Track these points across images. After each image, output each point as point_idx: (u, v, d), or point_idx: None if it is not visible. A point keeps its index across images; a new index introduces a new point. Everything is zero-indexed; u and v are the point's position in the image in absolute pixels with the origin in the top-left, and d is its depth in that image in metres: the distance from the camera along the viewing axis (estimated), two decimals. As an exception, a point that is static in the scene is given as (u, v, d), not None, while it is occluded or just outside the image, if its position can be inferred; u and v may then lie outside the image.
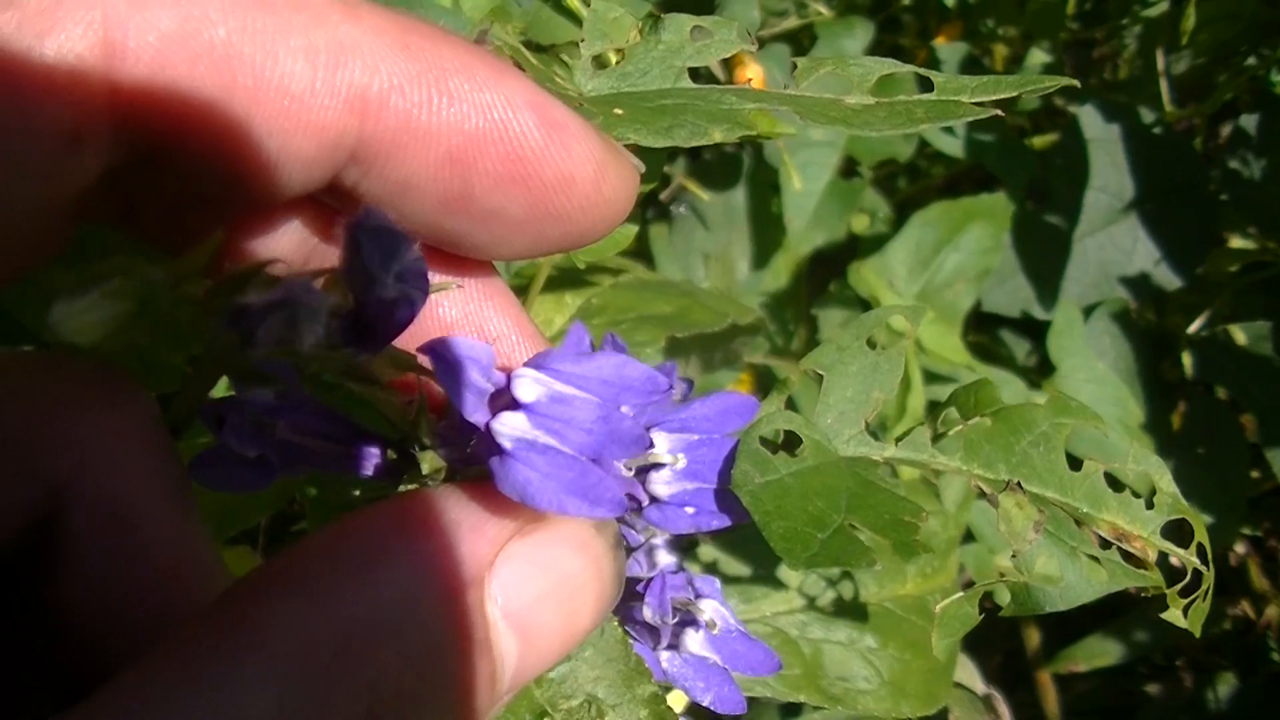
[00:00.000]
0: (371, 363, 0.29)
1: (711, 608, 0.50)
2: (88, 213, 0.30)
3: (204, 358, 0.25)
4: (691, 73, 0.51)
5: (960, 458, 0.49)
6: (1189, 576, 0.49)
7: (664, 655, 0.50)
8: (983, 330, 1.18)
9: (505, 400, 0.29)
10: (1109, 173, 1.15)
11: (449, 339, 0.28)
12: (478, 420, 0.28)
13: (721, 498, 0.43)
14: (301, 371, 0.27)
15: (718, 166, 1.07)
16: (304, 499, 0.58)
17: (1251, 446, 1.13)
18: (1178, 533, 0.49)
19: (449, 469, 0.34)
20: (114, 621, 0.29)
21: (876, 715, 0.78)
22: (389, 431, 0.33)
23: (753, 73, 0.95)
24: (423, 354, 0.28)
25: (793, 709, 1.04)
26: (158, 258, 0.27)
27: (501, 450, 0.28)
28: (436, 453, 0.34)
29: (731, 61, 0.56)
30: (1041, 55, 1.34)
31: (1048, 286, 1.13)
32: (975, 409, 0.50)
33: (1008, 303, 1.13)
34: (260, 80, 0.26)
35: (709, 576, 0.52)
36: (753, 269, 1.07)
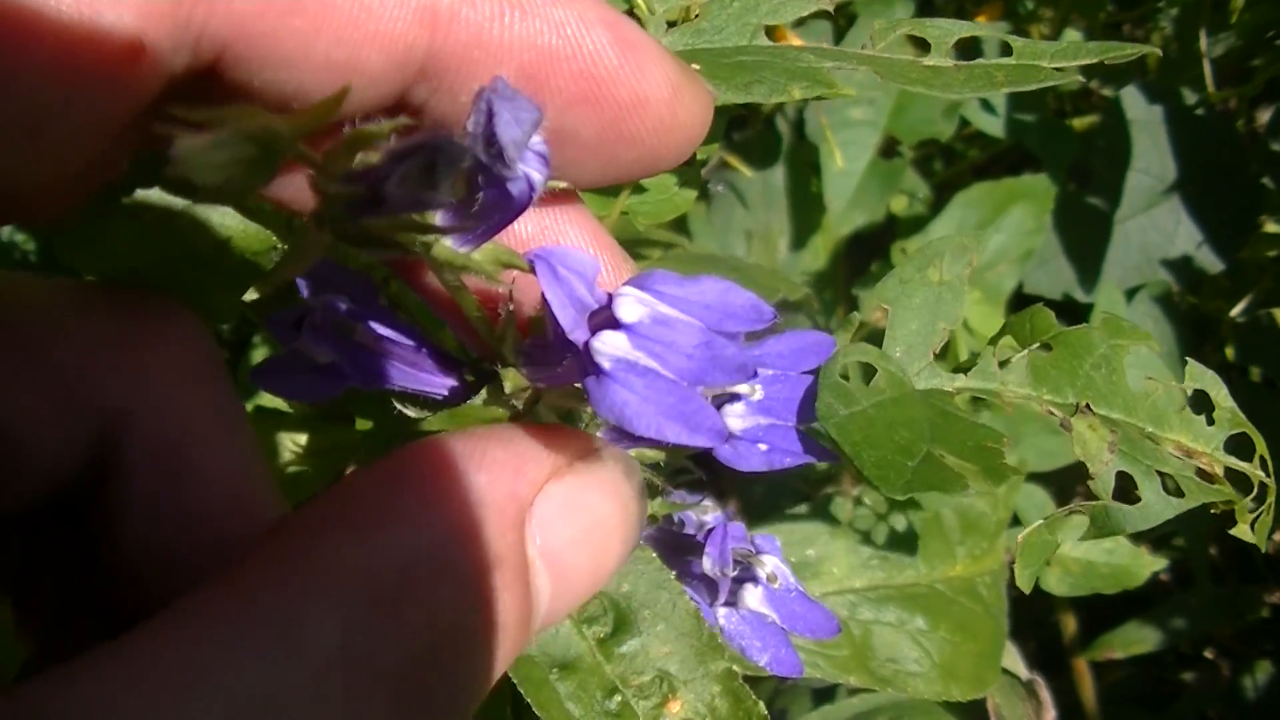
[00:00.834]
0: (474, 256, 0.28)
1: (772, 563, 0.49)
2: (144, 136, 0.29)
3: (313, 221, 0.24)
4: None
5: (1029, 384, 0.49)
6: (1255, 489, 0.48)
7: (721, 612, 0.49)
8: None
9: (605, 318, 0.28)
10: (1151, 155, 1.13)
11: (557, 248, 0.27)
12: (577, 337, 0.27)
13: (797, 435, 0.42)
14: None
15: (757, 144, 1.06)
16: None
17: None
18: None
19: (533, 390, 0.33)
20: (169, 554, 0.29)
21: (926, 698, 0.77)
22: (472, 346, 0.32)
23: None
24: (531, 259, 0.27)
25: (825, 695, 1.03)
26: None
27: (600, 370, 0.27)
28: (520, 371, 0.33)
29: (776, 33, 0.55)
30: (1075, 37, 1.33)
31: (1089, 269, 1.11)
32: (1033, 336, 0.49)
33: (1049, 285, 1.12)
34: None
35: (768, 535, 0.51)
36: (792, 249, 1.06)
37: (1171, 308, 1.11)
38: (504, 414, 0.34)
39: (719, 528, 0.47)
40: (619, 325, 0.28)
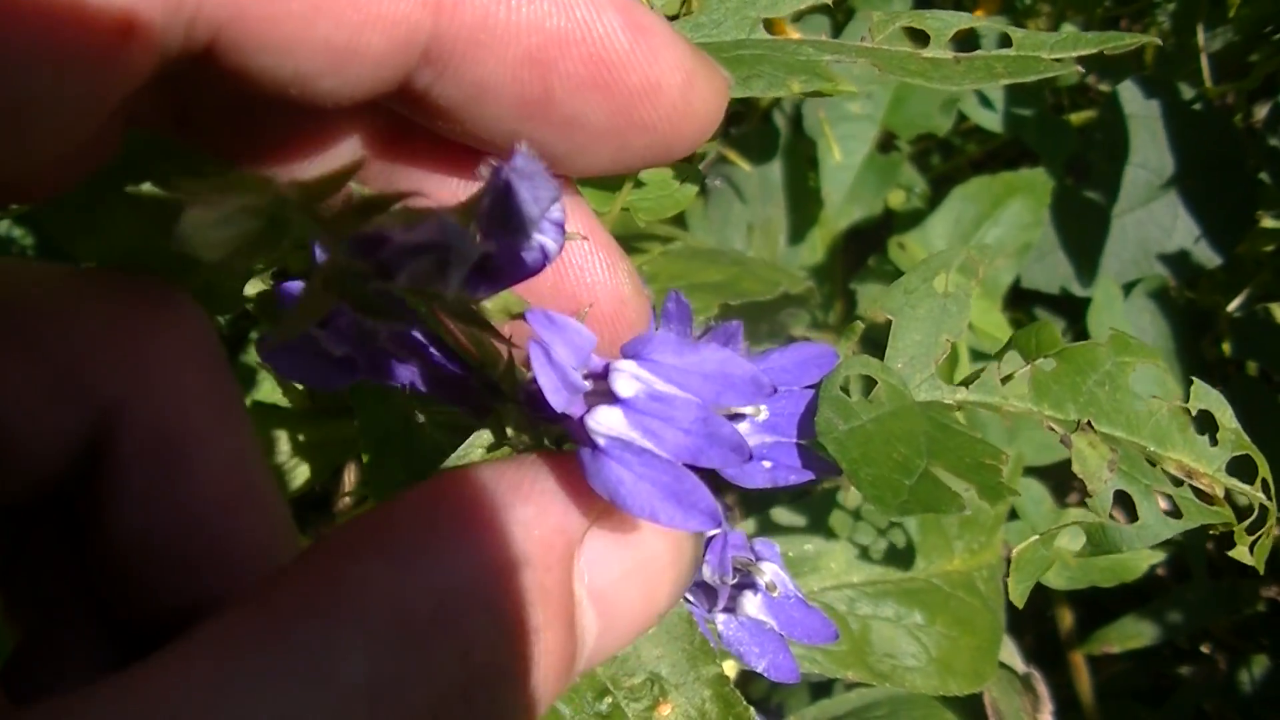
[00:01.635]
0: (483, 303, 0.28)
1: (771, 570, 0.49)
2: (137, 119, 0.29)
3: (321, 282, 0.24)
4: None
5: (1030, 399, 0.48)
6: (1255, 512, 0.48)
7: (719, 619, 0.49)
8: (1019, 307, 1.16)
9: (602, 390, 0.27)
10: (1149, 149, 1.13)
11: (554, 323, 0.26)
12: (572, 412, 0.27)
13: (800, 452, 0.42)
14: (412, 304, 0.26)
15: (754, 139, 1.06)
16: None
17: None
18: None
19: (531, 428, 0.33)
20: (162, 546, 0.28)
21: (924, 692, 0.77)
22: (481, 375, 0.32)
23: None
24: (528, 342, 0.26)
25: (822, 689, 1.03)
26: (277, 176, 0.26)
27: (594, 445, 0.27)
28: (519, 408, 0.32)
29: (773, 28, 0.55)
30: (1073, 31, 1.32)
31: (1087, 263, 1.11)
32: (1037, 350, 0.49)
33: (1046, 279, 1.12)
34: None
35: (768, 541, 0.51)
36: (789, 243, 1.06)
37: (1169, 302, 1.11)
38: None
39: (720, 536, 0.47)
40: (614, 400, 0.27)
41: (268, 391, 0.99)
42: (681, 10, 0.49)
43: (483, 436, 0.34)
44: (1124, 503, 0.47)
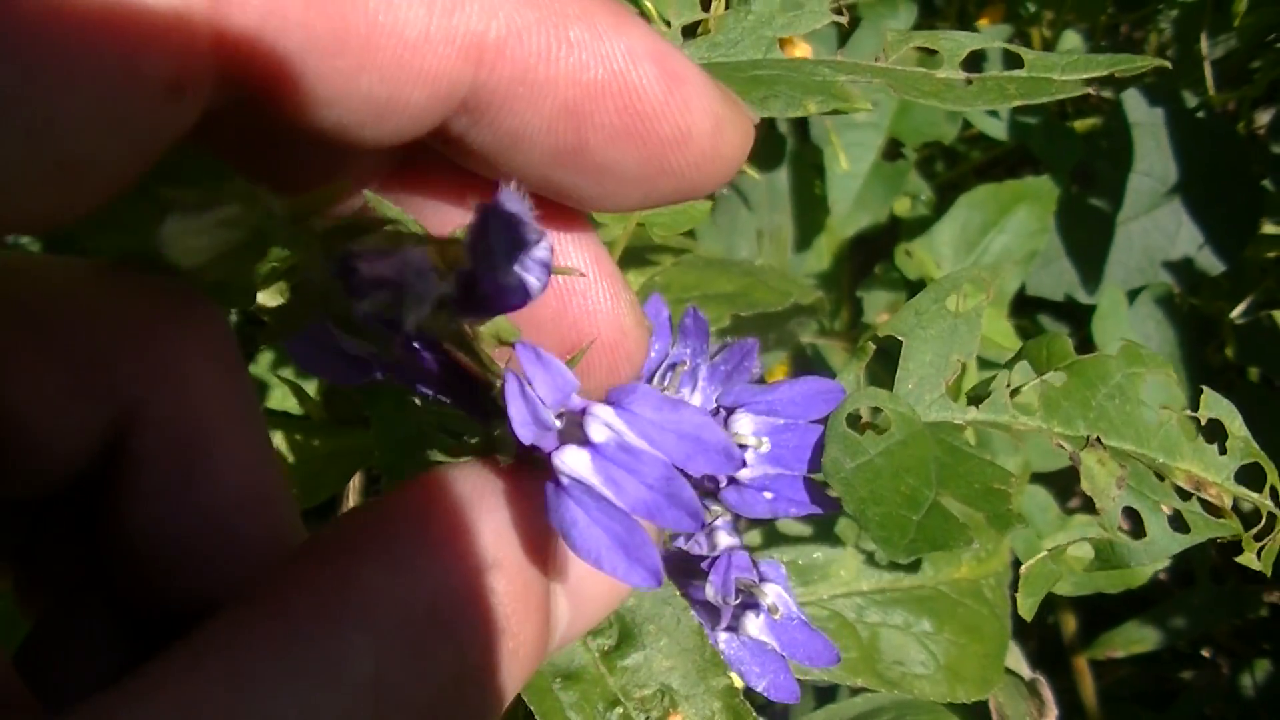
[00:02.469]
0: (474, 328, 0.29)
1: (775, 592, 0.50)
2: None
3: (308, 296, 0.24)
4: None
5: (1040, 416, 0.49)
6: (1264, 520, 0.49)
7: (722, 637, 0.50)
8: (1024, 314, 1.17)
9: (576, 432, 0.28)
10: (1153, 157, 1.14)
11: (538, 361, 0.27)
12: (542, 446, 0.28)
13: (805, 486, 0.42)
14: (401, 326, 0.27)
15: (762, 147, 1.06)
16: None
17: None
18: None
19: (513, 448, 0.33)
20: (178, 545, 0.29)
21: (932, 699, 0.78)
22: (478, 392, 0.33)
23: (802, 52, 0.94)
24: (507, 374, 0.27)
25: (827, 694, 1.04)
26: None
27: (558, 483, 0.27)
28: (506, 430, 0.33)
29: (783, 42, 0.56)
30: (1075, 39, 1.33)
31: (1092, 270, 1.12)
32: (1048, 363, 0.50)
33: (1052, 286, 1.12)
34: (374, 26, 0.25)
35: (774, 561, 0.52)
36: (795, 251, 1.07)
37: (1173, 309, 1.12)
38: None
39: (724, 557, 0.47)
40: (587, 442, 0.28)
41: (278, 399, 0.99)
42: (699, 30, 0.50)
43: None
44: (1131, 515, 0.48)
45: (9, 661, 0.26)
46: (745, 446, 0.44)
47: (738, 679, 0.49)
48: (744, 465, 0.30)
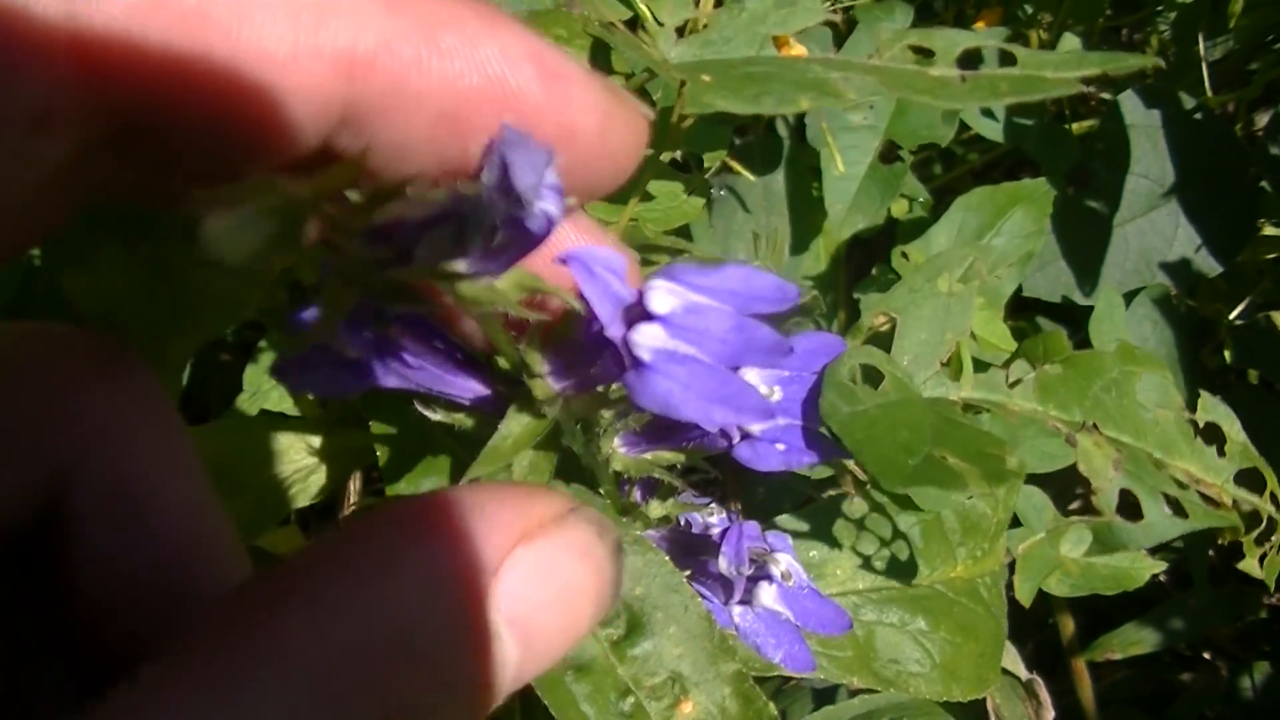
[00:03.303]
0: (498, 285, 0.29)
1: (786, 560, 0.50)
2: (70, 188, 0.29)
3: (339, 279, 0.24)
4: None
5: (1036, 399, 0.49)
6: (1264, 524, 0.49)
7: (735, 611, 0.50)
8: (1021, 316, 1.17)
9: (637, 313, 0.28)
10: (1150, 158, 1.14)
11: (585, 247, 0.27)
12: (614, 332, 0.28)
13: (810, 435, 0.43)
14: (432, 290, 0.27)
15: (758, 149, 1.06)
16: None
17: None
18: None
19: (560, 398, 0.34)
20: (129, 601, 0.29)
21: (927, 698, 0.77)
22: (510, 356, 0.33)
23: (797, 54, 0.94)
24: (563, 262, 0.27)
25: (826, 695, 1.04)
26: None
27: (640, 363, 0.28)
28: (545, 381, 0.33)
29: (777, 41, 0.56)
30: (1074, 41, 1.33)
31: (1088, 272, 1.12)
32: (1045, 356, 0.50)
33: (1048, 288, 1.12)
34: (237, 44, 0.25)
35: (779, 533, 0.52)
36: (792, 253, 1.07)
37: (1170, 311, 1.12)
38: (530, 447, 0.35)
39: (734, 527, 0.47)
40: (652, 317, 0.28)
41: (276, 400, 0.99)
42: (690, 28, 0.50)
43: (510, 427, 0.35)
44: (1132, 510, 0.48)
45: None
46: None
47: (752, 653, 0.49)
48: (794, 299, 0.30)
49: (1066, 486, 1.09)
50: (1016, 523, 0.98)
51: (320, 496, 0.65)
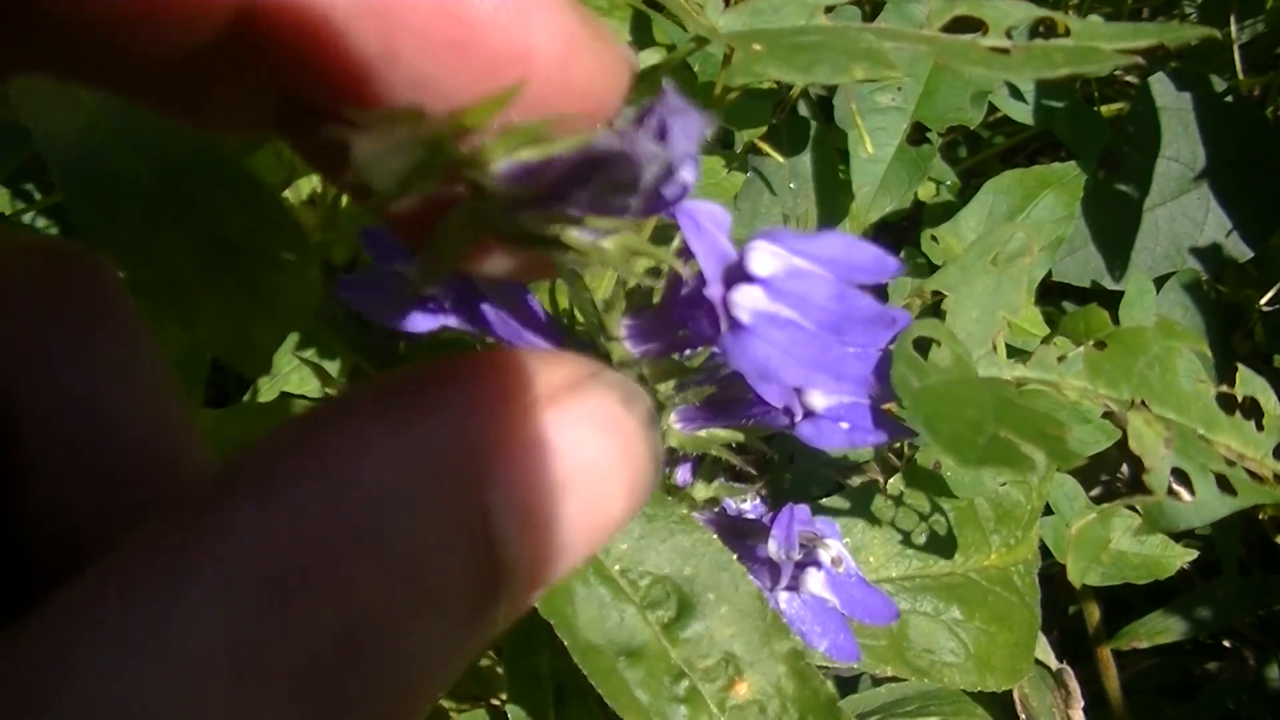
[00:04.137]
0: (605, 245, 0.27)
1: (836, 547, 0.49)
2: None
3: (465, 215, 0.23)
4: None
5: (1086, 377, 0.49)
6: None
7: (782, 597, 0.49)
8: (1050, 301, 1.16)
9: (736, 274, 0.27)
10: (1180, 142, 1.13)
11: (693, 202, 0.26)
12: (714, 292, 0.27)
13: (878, 413, 0.42)
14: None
15: (785, 130, 1.05)
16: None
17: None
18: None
19: (639, 362, 0.33)
20: (86, 518, 0.26)
21: (961, 688, 0.76)
22: (589, 317, 0.32)
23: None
24: (674, 214, 0.26)
25: (849, 684, 1.03)
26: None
27: (738, 325, 0.27)
28: (624, 345, 0.32)
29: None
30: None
31: (1118, 257, 1.11)
32: (1086, 334, 0.49)
33: (1078, 273, 1.11)
34: None
35: (828, 519, 0.51)
36: (819, 236, 1.05)
37: (1201, 296, 1.11)
38: None
39: (785, 509, 0.46)
40: (752, 279, 0.27)
41: (296, 383, 0.98)
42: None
43: None
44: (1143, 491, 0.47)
45: None
46: None
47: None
48: (895, 271, 0.29)
49: (1092, 474, 1.08)
50: (1047, 510, 0.97)
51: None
